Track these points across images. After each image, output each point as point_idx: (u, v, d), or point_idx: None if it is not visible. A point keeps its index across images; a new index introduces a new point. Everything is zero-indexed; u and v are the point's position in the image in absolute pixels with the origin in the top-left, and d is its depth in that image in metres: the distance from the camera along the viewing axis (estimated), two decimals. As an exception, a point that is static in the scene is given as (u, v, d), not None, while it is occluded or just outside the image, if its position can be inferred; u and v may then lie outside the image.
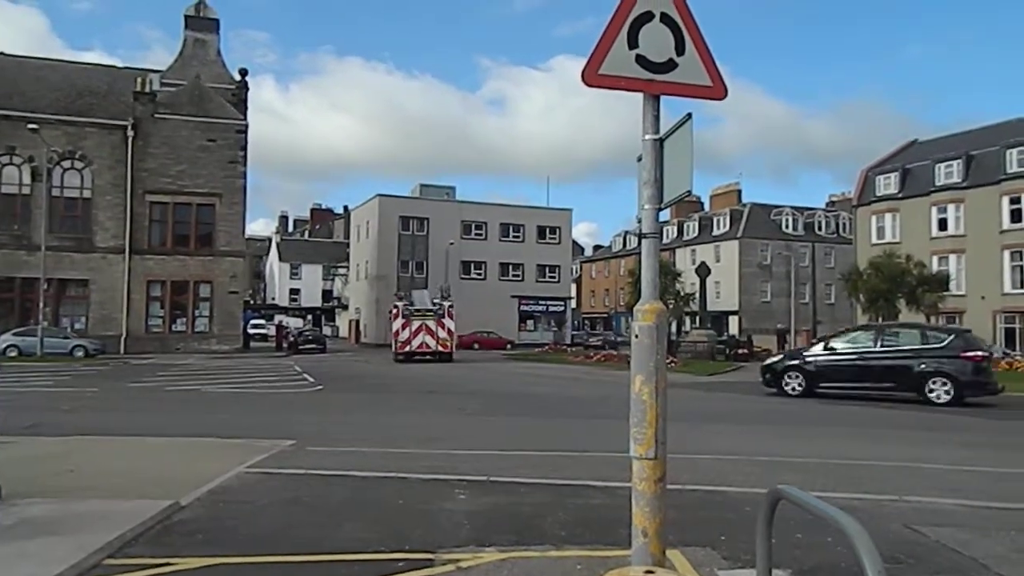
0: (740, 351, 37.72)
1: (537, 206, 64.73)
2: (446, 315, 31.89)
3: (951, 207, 46.05)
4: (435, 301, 33.29)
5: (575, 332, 66.05)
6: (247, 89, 42.39)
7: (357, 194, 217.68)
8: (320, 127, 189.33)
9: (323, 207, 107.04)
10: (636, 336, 3.79)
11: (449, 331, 32.64)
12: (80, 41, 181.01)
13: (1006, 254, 42.82)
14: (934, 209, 46.83)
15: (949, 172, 46.48)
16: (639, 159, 4.27)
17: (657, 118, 3.85)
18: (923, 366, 17.51)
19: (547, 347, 48.94)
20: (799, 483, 7.32)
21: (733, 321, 63.62)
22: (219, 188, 39.26)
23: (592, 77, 3.75)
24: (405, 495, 6.63)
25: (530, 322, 60.62)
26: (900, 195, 49.11)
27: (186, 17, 44.12)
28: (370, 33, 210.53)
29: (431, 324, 31.26)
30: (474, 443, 10.11)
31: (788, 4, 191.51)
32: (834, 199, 76.40)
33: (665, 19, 3.85)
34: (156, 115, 38.44)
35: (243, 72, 43.07)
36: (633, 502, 3.79)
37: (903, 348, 18.29)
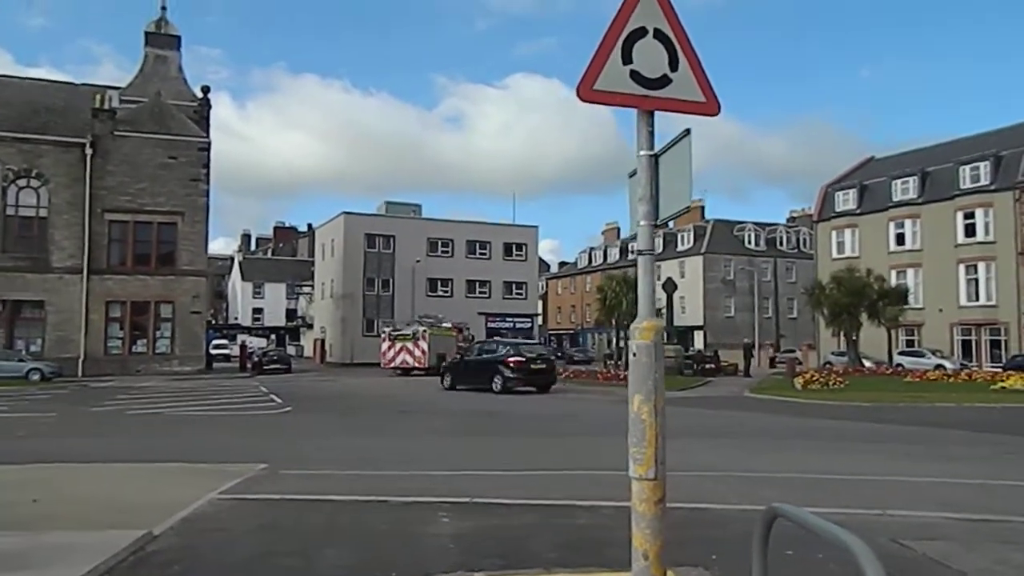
0: (707, 366, 38.03)
1: (503, 223, 64.83)
2: (421, 338, 39.01)
3: (908, 222, 47.25)
4: (412, 329, 40.55)
5: (542, 349, 66.00)
6: (209, 106, 41.84)
7: (317, 212, 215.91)
8: (278, 145, 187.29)
9: (286, 225, 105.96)
10: (634, 355, 3.74)
11: (423, 350, 39.33)
12: (28, 56, 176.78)
13: (961, 268, 43.99)
14: (891, 224, 48.00)
15: (905, 188, 47.72)
16: (631, 175, 4.25)
17: (652, 134, 3.83)
18: (490, 367, 25.14)
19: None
20: (780, 499, 7.28)
21: (699, 336, 64.22)
22: (181, 206, 38.58)
23: (587, 93, 3.72)
24: (387, 519, 6.47)
25: (496, 338, 60.53)
26: (859, 211, 50.25)
27: (147, 34, 43.47)
28: (324, 50, 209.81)
29: (409, 345, 38.64)
30: (451, 464, 9.96)
31: (738, 25, 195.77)
32: (794, 215, 77.85)
33: (658, 35, 3.84)
34: (116, 132, 37.71)
35: (205, 89, 42.55)
36: (633, 523, 3.72)
37: (489, 355, 25.99)
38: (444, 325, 41.46)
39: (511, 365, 24.90)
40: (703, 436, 12.99)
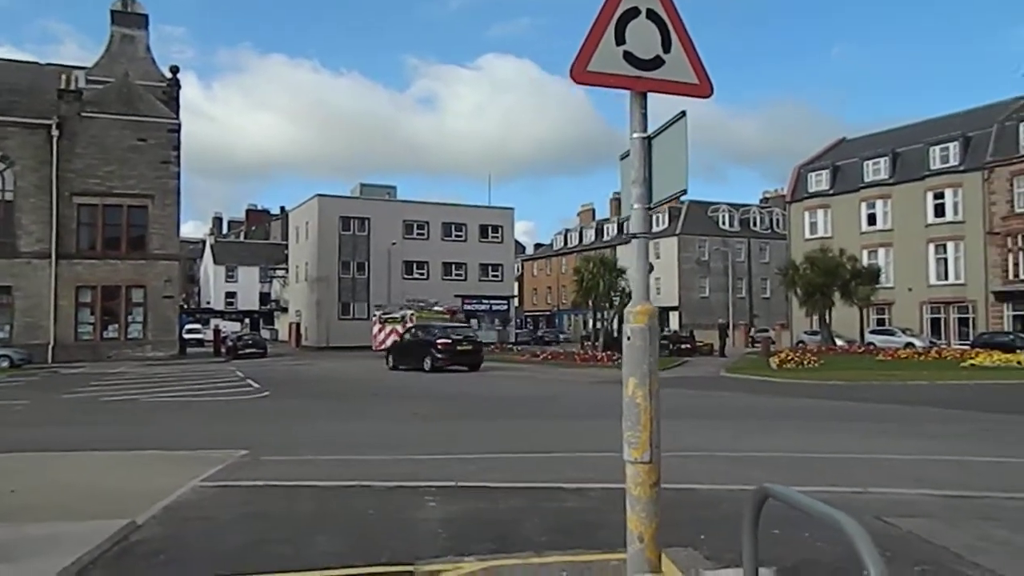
0: (683, 346, 38.35)
1: (479, 205, 64.53)
2: (409, 321, 39.35)
3: (879, 203, 47.80)
4: (401, 312, 41.73)
5: (518, 331, 66.15)
6: (178, 87, 41.04)
7: (289, 194, 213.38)
8: (246, 126, 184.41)
9: (259, 208, 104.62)
10: (628, 338, 3.72)
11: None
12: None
13: (931, 247, 44.67)
14: (863, 205, 48.54)
15: (877, 169, 48.24)
16: (622, 157, 4.21)
17: (645, 116, 3.79)
18: (423, 348, 27.50)
19: (492, 347, 48.88)
20: (764, 478, 7.36)
21: (674, 317, 64.68)
22: (151, 189, 37.89)
23: (580, 74, 3.67)
24: (374, 504, 6.44)
25: (474, 321, 60.19)
26: (831, 191, 50.75)
27: (113, 12, 42.37)
28: (292, 30, 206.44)
29: (398, 327, 38.87)
30: (434, 448, 9.94)
31: (712, 7, 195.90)
32: (768, 195, 78.39)
33: (651, 15, 3.80)
34: (83, 114, 36.87)
35: (174, 69, 41.72)
36: (628, 507, 3.72)
37: (422, 338, 28.55)
38: (436, 308, 42.32)
39: (439, 347, 27.30)
40: (685, 417, 13.08)
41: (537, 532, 5.53)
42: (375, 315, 44.99)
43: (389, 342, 39.36)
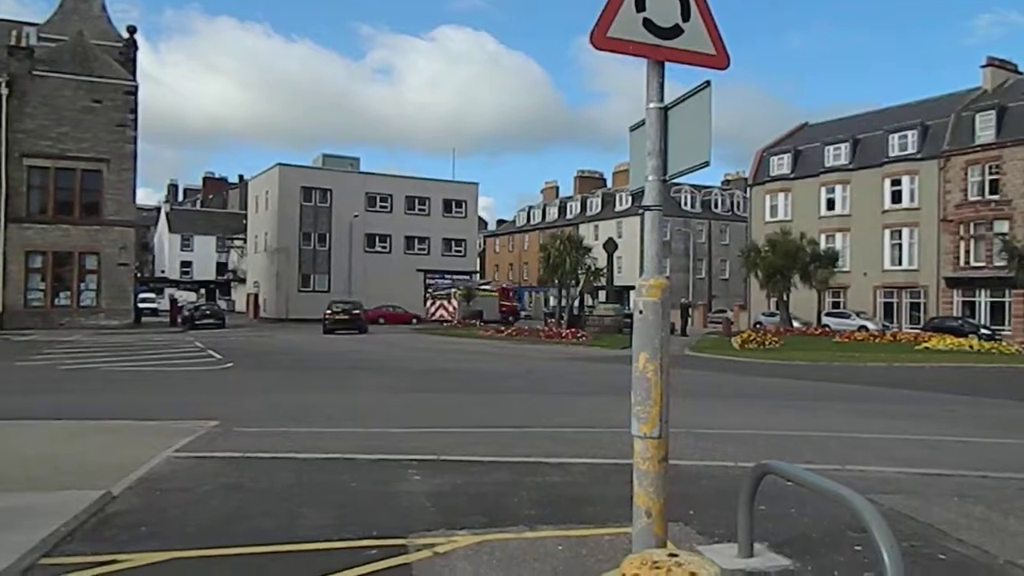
0: (645, 325, 38.53)
1: (443, 179, 63.97)
2: (453, 298, 50.87)
3: (839, 188, 48.58)
4: (448, 291, 52.84)
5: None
6: (136, 47, 39.64)
7: (245, 163, 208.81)
8: (196, 91, 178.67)
9: (216, 176, 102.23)
10: (640, 312, 3.68)
11: (454, 307, 51.02)
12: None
13: (887, 233, 45.61)
14: (823, 189, 49.28)
15: (837, 154, 48.97)
16: (633, 128, 4.13)
17: (662, 85, 3.72)
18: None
19: (456, 322, 48.76)
20: (743, 455, 7.48)
21: (633, 296, 65.10)
22: (106, 153, 36.66)
23: (600, 40, 3.57)
24: (356, 477, 6.35)
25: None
26: (792, 175, 51.42)
27: (66, -33, 40.74)
28: None
29: (444, 303, 50.53)
30: (409, 421, 9.86)
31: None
32: (729, 178, 79.16)
33: (672, -18, 3.70)
34: (34, 72, 35.43)
35: (131, 29, 40.27)
36: (636, 482, 3.69)
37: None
38: (486, 288, 52.32)
39: (327, 315, 38.56)
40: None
41: (525, 506, 5.50)
42: (429, 291, 55.96)
43: (437, 314, 51.73)
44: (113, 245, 36.86)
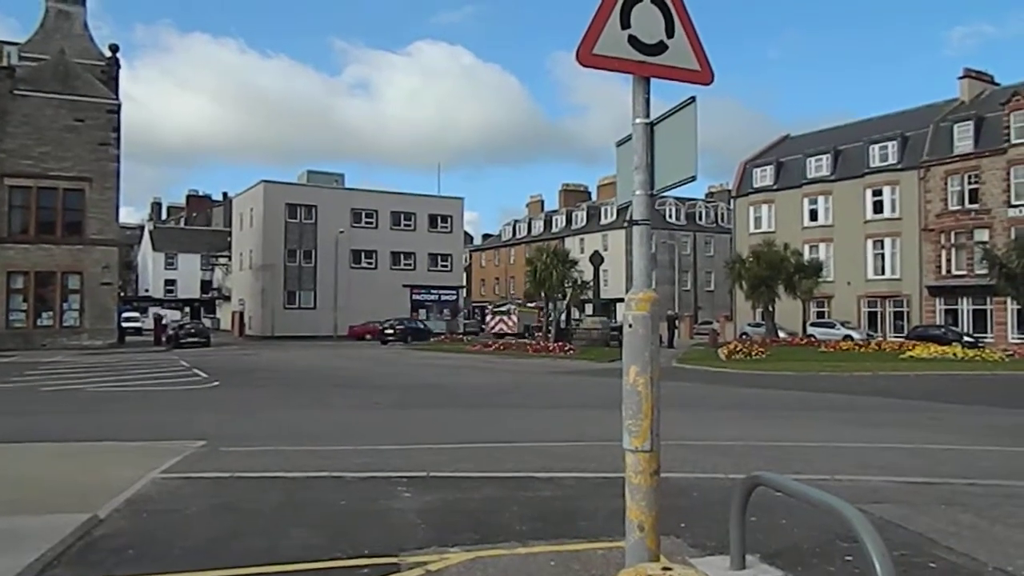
0: (632, 337, 38.59)
1: (428, 194, 64.01)
2: (513, 313, 54.15)
3: (821, 199, 49.04)
4: (507, 307, 56.87)
5: (467, 321, 65.92)
6: (118, 66, 39.56)
7: (223, 181, 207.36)
8: (172, 108, 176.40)
9: (200, 193, 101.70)
10: (630, 326, 3.69)
11: (514, 321, 53.22)
12: None
13: (869, 243, 46.03)
14: (806, 200, 49.73)
15: (819, 166, 49.46)
16: (619, 143, 4.17)
17: (647, 101, 3.76)
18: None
19: (443, 336, 48.64)
20: (733, 466, 7.51)
21: (620, 309, 65.32)
22: (88, 172, 36.42)
23: (586, 57, 3.62)
24: (346, 495, 6.30)
25: (422, 311, 59.95)
26: (775, 187, 51.86)
27: (47, -14, 40.57)
28: (212, 6, 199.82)
29: (504, 317, 53.57)
30: (398, 438, 9.82)
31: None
32: (713, 190, 79.67)
33: (655, 0, 3.75)
34: (15, 91, 35.20)
35: (114, 48, 40.19)
36: (628, 496, 3.70)
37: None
38: (530, 305, 54.28)
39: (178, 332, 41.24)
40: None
41: (516, 521, 5.49)
42: (490, 308, 61.70)
43: (498, 328, 54.30)
44: (96, 264, 36.55)
